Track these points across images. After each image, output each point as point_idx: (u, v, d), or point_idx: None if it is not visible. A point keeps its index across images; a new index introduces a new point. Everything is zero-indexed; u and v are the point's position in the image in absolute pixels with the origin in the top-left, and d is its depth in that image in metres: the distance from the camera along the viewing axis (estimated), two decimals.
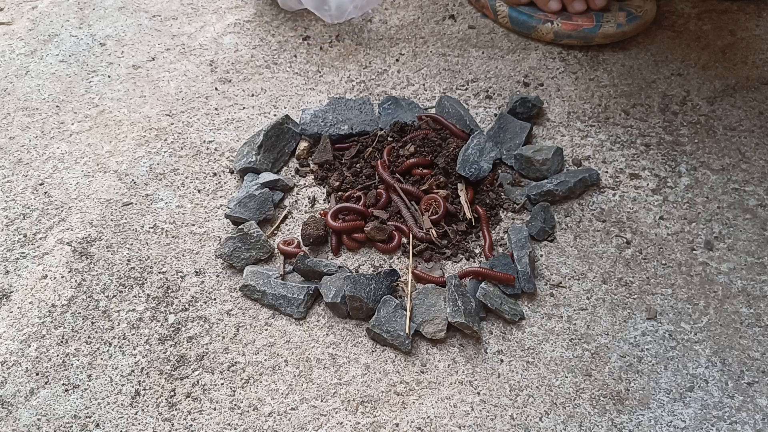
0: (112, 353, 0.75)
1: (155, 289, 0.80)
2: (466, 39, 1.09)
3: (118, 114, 0.99)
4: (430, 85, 1.02)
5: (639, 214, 0.85)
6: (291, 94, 1.01)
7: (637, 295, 0.78)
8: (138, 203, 0.88)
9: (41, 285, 0.80)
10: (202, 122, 0.98)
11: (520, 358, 0.73)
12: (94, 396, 0.71)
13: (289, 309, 0.77)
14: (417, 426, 0.69)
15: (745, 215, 0.84)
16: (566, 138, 0.94)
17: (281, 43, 1.09)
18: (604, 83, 1.01)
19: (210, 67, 1.06)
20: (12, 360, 0.74)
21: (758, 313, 0.76)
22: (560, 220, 0.85)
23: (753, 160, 0.90)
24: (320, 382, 0.72)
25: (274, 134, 0.91)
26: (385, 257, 0.82)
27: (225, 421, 0.69)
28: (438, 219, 0.83)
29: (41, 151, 0.95)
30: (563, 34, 1.04)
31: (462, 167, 0.86)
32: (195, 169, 0.92)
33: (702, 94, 0.99)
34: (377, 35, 1.10)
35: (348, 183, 0.88)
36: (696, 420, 0.68)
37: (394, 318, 0.74)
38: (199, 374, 0.73)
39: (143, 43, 1.11)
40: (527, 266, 0.77)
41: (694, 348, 0.74)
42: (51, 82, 1.04)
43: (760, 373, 0.71)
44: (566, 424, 0.68)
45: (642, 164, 0.90)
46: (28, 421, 0.70)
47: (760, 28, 1.08)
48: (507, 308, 0.75)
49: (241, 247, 0.81)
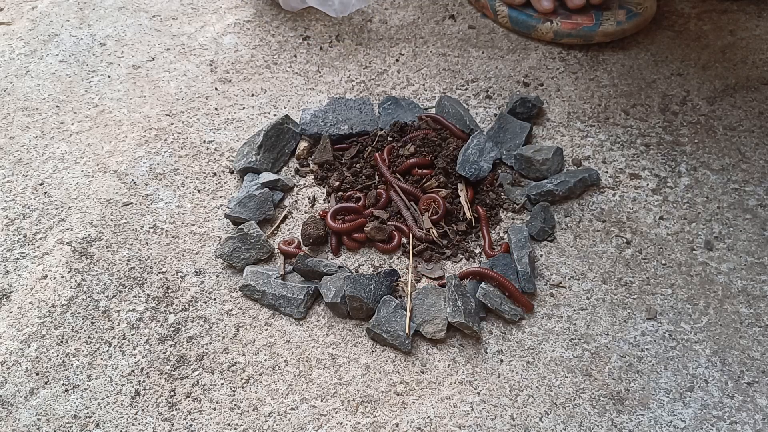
0: (112, 353, 0.75)
1: (155, 289, 0.80)
2: (466, 39, 1.09)
3: (118, 114, 0.99)
4: (430, 85, 1.02)
5: (639, 214, 0.85)
6: (291, 94, 1.01)
7: (637, 295, 0.78)
8: (138, 203, 0.88)
9: (41, 285, 0.80)
10: (202, 122, 0.98)
11: (520, 358, 0.73)
12: (94, 396, 0.71)
13: (289, 309, 0.77)
14: (417, 426, 0.69)
15: (745, 215, 0.84)
16: (566, 138, 0.94)
17: (281, 43, 1.09)
18: (604, 83, 1.01)
19: (210, 67, 1.06)
20: (12, 360, 0.74)
21: (758, 313, 0.76)
22: (560, 220, 0.85)
23: (753, 160, 0.90)
24: (320, 382, 0.72)
25: (274, 134, 0.91)
26: (385, 257, 0.82)
27: (225, 421, 0.69)
28: (438, 219, 0.83)
29: (41, 151, 0.95)
30: (563, 33, 1.04)
31: (462, 167, 0.86)
32: (195, 169, 0.92)
33: (702, 94, 0.99)
34: (377, 35, 1.10)
35: (348, 183, 0.88)
36: (696, 420, 0.68)
37: (394, 318, 0.74)
38: (199, 374, 0.73)
39: (143, 43, 1.11)
40: (527, 266, 0.77)
41: (694, 348, 0.74)
42: (51, 82, 1.04)
43: (760, 373, 0.71)
44: (566, 424, 0.68)
45: (642, 164, 0.90)
46: (28, 421, 0.70)
47: (760, 28, 1.08)
48: (507, 308, 0.75)
49: (241, 247, 0.81)
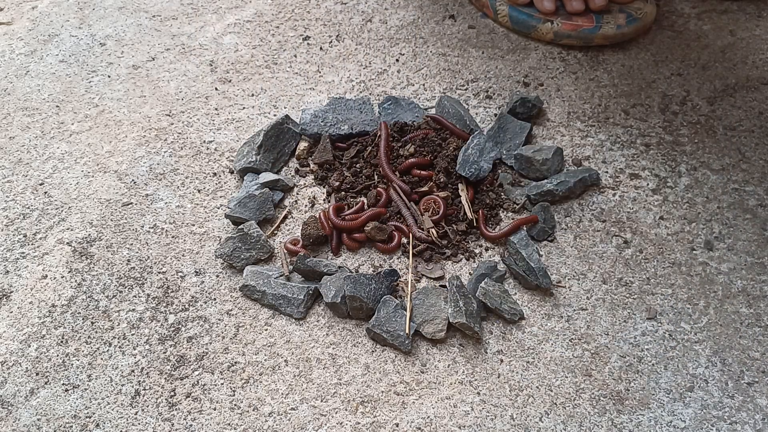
0: (112, 353, 0.75)
1: (155, 289, 0.80)
2: (466, 39, 1.09)
3: (118, 114, 0.99)
4: (430, 85, 1.02)
5: (639, 214, 0.85)
6: (291, 94, 1.01)
7: (637, 295, 0.78)
8: (138, 203, 0.88)
9: (41, 285, 0.80)
10: (202, 122, 0.98)
11: (520, 358, 0.73)
12: (94, 396, 0.71)
13: (289, 309, 0.77)
14: (417, 426, 0.69)
15: (745, 215, 0.84)
16: (566, 138, 0.94)
17: (281, 43, 1.09)
18: (604, 83, 1.01)
19: (210, 67, 1.06)
20: (12, 360, 0.74)
21: (758, 313, 0.76)
22: (560, 220, 0.85)
23: (753, 160, 0.90)
24: (320, 382, 0.72)
25: (274, 134, 0.91)
26: (385, 257, 0.82)
27: (225, 421, 0.69)
28: (438, 219, 0.83)
29: (41, 151, 0.95)
30: (563, 34, 1.03)
31: (462, 167, 0.86)
32: (195, 169, 0.92)
33: (702, 94, 0.99)
34: (377, 35, 1.10)
35: (348, 183, 0.88)
36: (696, 420, 0.68)
37: (394, 318, 0.74)
38: (199, 374, 0.73)
39: (143, 43, 1.11)
40: (539, 262, 0.77)
41: (694, 348, 0.73)
42: (51, 82, 1.04)
43: (760, 373, 0.71)
44: (566, 424, 0.68)
45: (642, 164, 0.90)
46: (28, 421, 0.70)
47: (760, 28, 1.08)
48: (507, 308, 0.75)
49: (241, 247, 0.81)
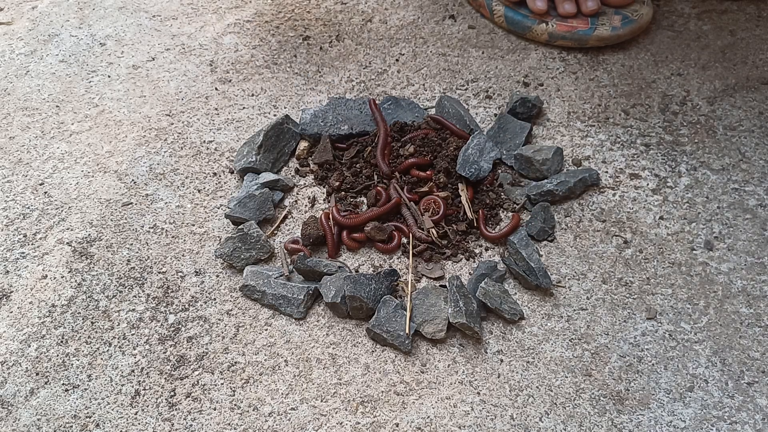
0: (112, 353, 0.75)
1: (155, 289, 0.80)
2: (466, 39, 1.09)
3: (118, 114, 0.99)
4: (430, 85, 1.02)
5: (639, 214, 0.85)
6: (291, 94, 1.01)
7: (637, 295, 0.78)
8: (138, 203, 0.88)
9: (41, 285, 0.80)
10: (202, 122, 0.98)
11: (520, 358, 0.73)
12: (94, 396, 0.71)
13: (289, 309, 0.77)
14: (417, 426, 0.69)
15: (745, 215, 0.84)
16: (566, 138, 0.94)
17: (281, 43, 1.09)
18: (604, 83, 1.01)
19: (210, 67, 1.06)
20: (12, 360, 0.74)
21: (758, 313, 0.76)
22: (560, 220, 0.85)
23: (753, 160, 0.90)
24: (320, 382, 0.72)
25: (274, 134, 0.91)
26: (385, 257, 0.82)
27: (225, 421, 0.69)
28: (438, 219, 0.83)
29: (41, 151, 0.95)
30: (557, 35, 1.03)
31: (462, 167, 0.86)
32: (195, 169, 0.92)
33: (702, 94, 0.99)
34: (377, 35, 1.10)
35: (348, 183, 0.88)
36: (696, 420, 0.68)
37: (394, 318, 0.74)
38: (199, 374, 0.73)
39: (143, 43, 1.11)
40: (539, 262, 0.77)
41: (694, 348, 0.73)
42: (51, 82, 1.04)
43: (760, 373, 0.71)
44: (566, 424, 0.68)
45: (642, 164, 0.90)
46: (28, 421, 0.70)
47: (760, 28, 1.08)
48: (507, 308, 0.75)
49: (241, 247, 0.81)
